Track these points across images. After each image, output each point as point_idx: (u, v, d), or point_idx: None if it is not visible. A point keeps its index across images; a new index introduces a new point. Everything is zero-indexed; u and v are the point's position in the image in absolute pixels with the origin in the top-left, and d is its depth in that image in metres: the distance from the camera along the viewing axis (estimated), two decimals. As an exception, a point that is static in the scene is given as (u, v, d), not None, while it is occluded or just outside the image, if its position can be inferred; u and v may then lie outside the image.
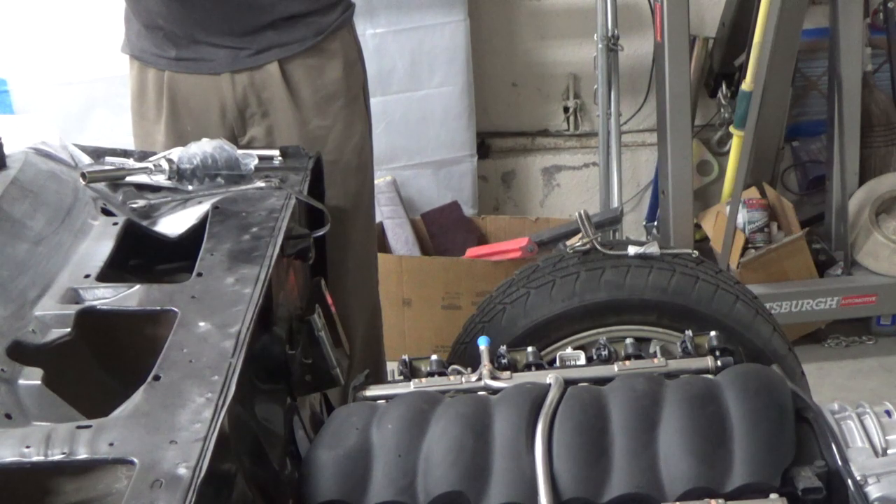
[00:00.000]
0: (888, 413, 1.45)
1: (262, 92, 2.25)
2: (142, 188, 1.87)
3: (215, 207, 1.78)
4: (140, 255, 1.77)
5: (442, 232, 3.81)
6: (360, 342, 2.45)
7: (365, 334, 2.50)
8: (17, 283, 1.47)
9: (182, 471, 1.12)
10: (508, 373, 1.67)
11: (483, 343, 1.76)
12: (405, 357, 1.75)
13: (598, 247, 2.06)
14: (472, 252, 3.52)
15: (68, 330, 1.44)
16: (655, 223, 3.82)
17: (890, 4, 3.59)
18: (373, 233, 2.61)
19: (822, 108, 3.77)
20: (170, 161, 1.85)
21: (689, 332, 1.76)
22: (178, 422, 1.21)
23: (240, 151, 1.94)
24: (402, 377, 1.72)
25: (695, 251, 2.10)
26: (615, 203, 3.61)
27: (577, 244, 2.09)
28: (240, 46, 2.22)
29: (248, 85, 2.24)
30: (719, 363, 1.67)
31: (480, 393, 1.61)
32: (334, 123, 2.30)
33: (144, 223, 1.77)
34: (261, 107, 2.27)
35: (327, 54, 2.28)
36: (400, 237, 3.72)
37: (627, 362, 1.69)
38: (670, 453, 1.39)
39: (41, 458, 1.16)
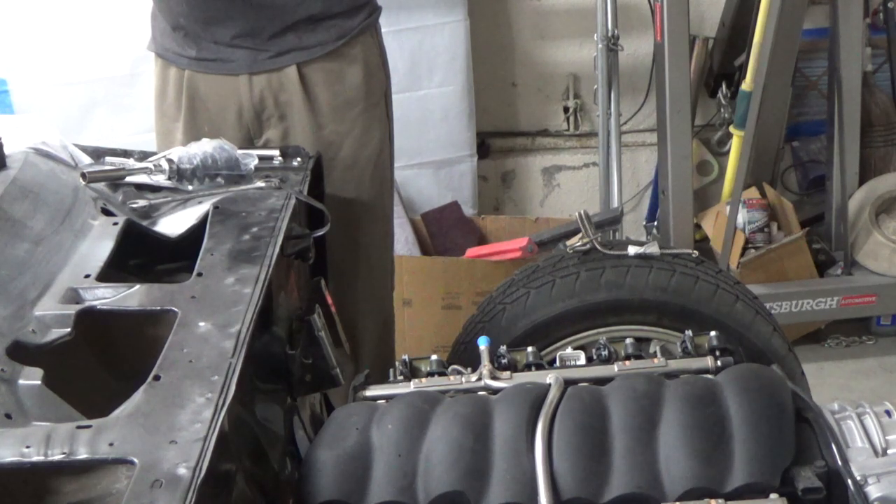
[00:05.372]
0: (888, 413, 1.45)
1: (279, 95, 2.24)
2: (142, 188, 1.87)
3: (215, 207, 1.78)
4: (140, 255, 1.77)
5: (442, 232, 3.81)
6: (369, 354, 2.40)
7: (374, 347, 2.45)
8: (17, 283, 1.47)
9: (182, 471, 1.12)
10: (508, 373, 1.67)
11: (483, 343, 1.75)
12: (405, 357, 1.74)
13: (598, 247, 2.06)
14: (472, 252, 3.51)
15: (68, 330, 1.44)
16: (655, 223, 3.82)
17: (890, 4, 3.59)
18: (389, 243, 2.54)
19: (822, 108, 3.77)
20: (170, 161, 1.85)
21: (689, 332, 1.76)
22: (178, 422, 1.21)
23: (240, 151, 1.94)
24: (402, 377, 1.72)
25: (695, 251, 2.10)
26: (615, 203, 3.61)
27: (577, 244, 2.09)
28: (259, 48, 2.21)
29: (266, 87, 2.23)
30: (719, 363, 1.66)
31: (480, 393, 1.60)
32: (351, 129, 2.28)
33: (144, 223, 1.77)
34: (278, 109, 2.25)
35: (348, 59, 2.26)
36: (400, 237, 3.71)
37: (627, 362, 1.69)
38: (670, 453, 1.39)
39: (41, 458, 1.16)
